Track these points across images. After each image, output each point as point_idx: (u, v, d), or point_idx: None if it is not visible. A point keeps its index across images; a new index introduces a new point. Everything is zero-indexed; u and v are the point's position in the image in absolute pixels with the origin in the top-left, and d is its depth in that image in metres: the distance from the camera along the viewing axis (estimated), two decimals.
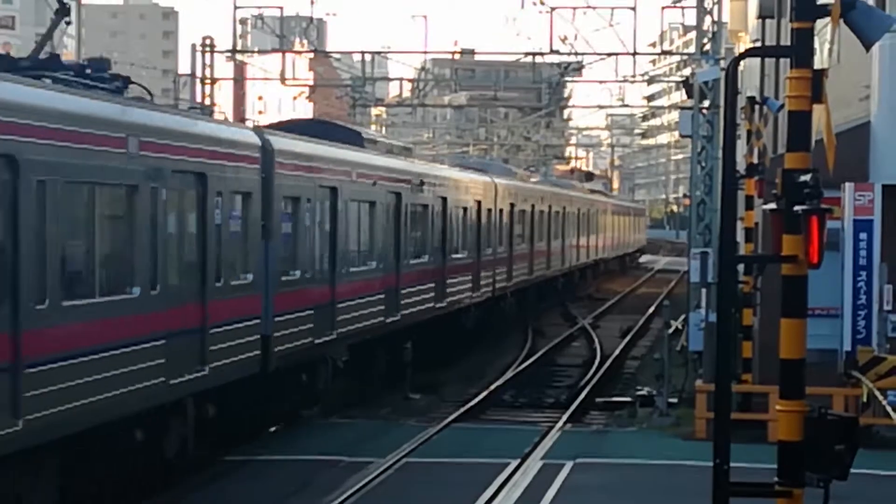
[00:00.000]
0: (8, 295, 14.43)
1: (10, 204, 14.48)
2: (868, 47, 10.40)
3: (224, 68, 58.12)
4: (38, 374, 14.91)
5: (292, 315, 23.46)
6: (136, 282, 17.45)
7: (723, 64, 37.23)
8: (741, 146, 25.59)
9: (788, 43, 10.26)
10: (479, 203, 39.54)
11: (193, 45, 41.66)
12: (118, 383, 16.77)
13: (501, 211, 43.09)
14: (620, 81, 51.21)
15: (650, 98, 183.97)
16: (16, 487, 15.17)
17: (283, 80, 48.61)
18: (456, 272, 36.37)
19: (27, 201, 14.67)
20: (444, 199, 35.11)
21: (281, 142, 23.37)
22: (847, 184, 23.54)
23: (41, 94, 15.63)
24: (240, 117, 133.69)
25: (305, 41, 57.62)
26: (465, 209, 37.78)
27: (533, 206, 49.57)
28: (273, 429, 25.01)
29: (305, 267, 24.33)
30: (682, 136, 43.55)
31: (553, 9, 43.98)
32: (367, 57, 51.45)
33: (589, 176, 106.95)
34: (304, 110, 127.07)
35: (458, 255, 36.93)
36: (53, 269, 15.22)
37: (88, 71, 17.89)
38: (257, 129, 23.10)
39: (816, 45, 10.28)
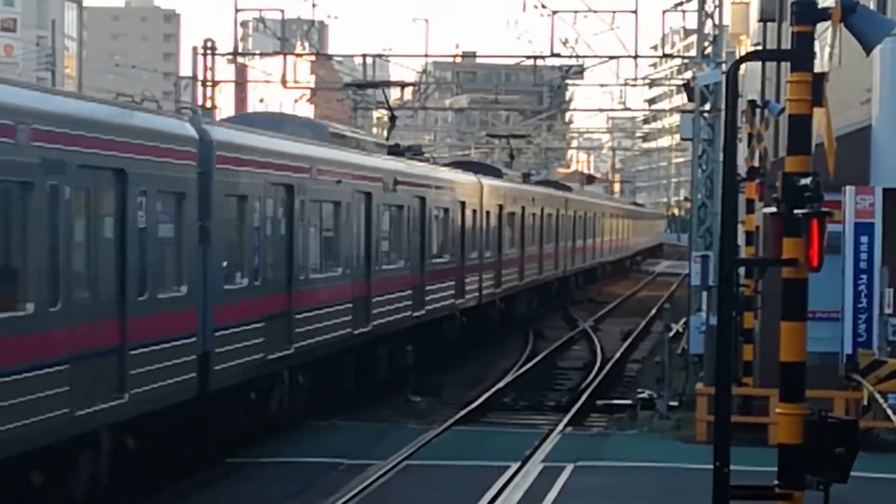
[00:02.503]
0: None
1: None
2: (868, 51, 10.42)
3: (225, 71, 58.27)
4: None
5: (238, 329, 20.91)
6: (30, 297, 14.72)
7: (724, 67, 37.23)
8: (742, 149, 25.60)
9: (789, 46, 10.29)
10: (462, 204, 37.68)
11: (195, 48, 41.72)
12: (10, 416, 14.15)
13: (488, 213, 41.29)
14: (621, 85, 51.39)
15: (651, 101, 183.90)
16: None
17: (284, 82, 48.63)
18: (436, 278, 34.30)
19: None
20: (423, 200, 33.00)
21: (223, 133, 21.03)
22: (848, 187, 23.55)
23: None
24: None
25: (307, 44, 57.63)
26: (446, 210, 35.87)
27: (523, 207, 47.53)
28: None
29: (254, 274, 21.91)
30: (683, 139, 43.56)
31: (554, 12, 44.03)
32: (369, 60, 51.50)
33: (590, 179, 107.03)
34: (306, 113, 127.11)
35: (440, 260, 34.95)
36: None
37: None
38: (195, 120, 20.31)
39: (817, 48, 10.30)
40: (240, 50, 46.88)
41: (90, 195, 16.26)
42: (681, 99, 70.96)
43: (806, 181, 10.05)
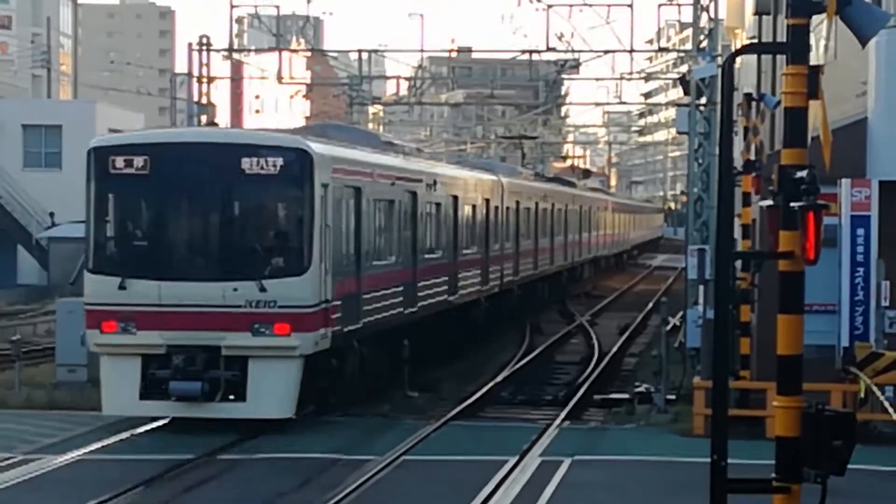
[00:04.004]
0: (354, 259, 26.50)
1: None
2: (864, 43, 10.43)
3: (221, 67, 58.22)
4: (369, 299, 27.28)
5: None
6: (391, 254, 29.32)
7: (719, 61, 37.26)
8: (738, 143, 25.57)
9: (785, 39, 10.28)
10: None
11: (190, 45, 41.68)
12: (385, 309, 28.24)
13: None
14: (617, 79, 51.36)
15: (647, 95, 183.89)
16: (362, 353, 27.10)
17: (279, 78, 48.62)
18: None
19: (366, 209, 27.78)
20: (456, 198, 35.93)
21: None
22: (844, 180, 23.56)
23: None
24: (237, 116, 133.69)
25: (302, 40, 57.61)
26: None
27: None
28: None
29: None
30: (679, 132, 43.64)
31: (549, 6, 44.02)
32: (364, 55, 51.49)
33: (586, 173, 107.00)
34: (302, 109, 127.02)
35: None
36: (369, 246, 27.51)
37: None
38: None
39: (813, 41, 10.30)
40: (235, 46, 46.90)
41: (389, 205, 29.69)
42: (677, 92, 70.71)
43: (802, 174, 10.05)
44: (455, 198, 35.80)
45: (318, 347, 24.52)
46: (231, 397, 23.79)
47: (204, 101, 40.92)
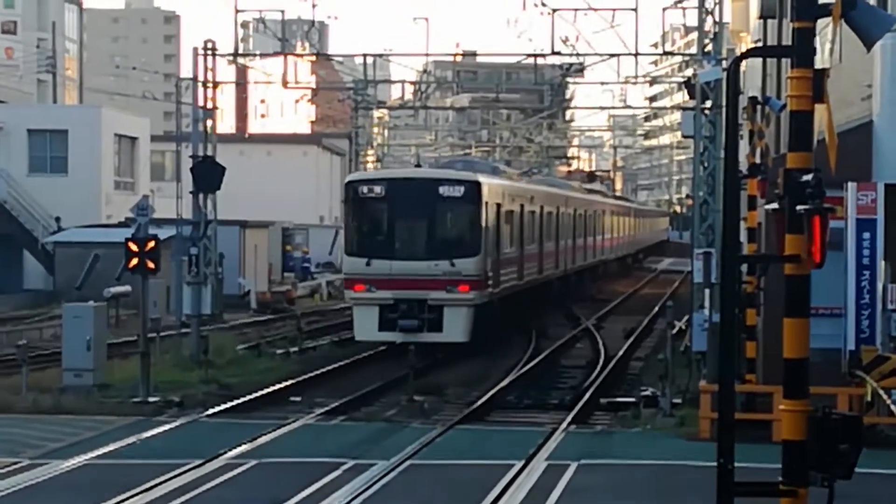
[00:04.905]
0: (496, 248, 38.92)
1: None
2: (869, 47, 10.42)
3: (226, 72, 58.23)
4: (502, 273, 40.58)
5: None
6: (512, 244, 43.24)
7: (724, 64, 37.22)
8: (743, 146, 25.57)
9: (790, 43, 10.28)
10: (558, 209, 54.95)
11: (195, 49, 41.61)
12: (509, 279, 41.91)
13: (566, 213, 57.66)
14: (622, 82, 51.23)
15: (652, 99, 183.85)
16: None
17: (284, 83, 48.62)
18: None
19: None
20: (542, 206, 50.84)
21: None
22: (850, 183, 23.53)
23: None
24: (242, 120, 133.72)
25: (307, 44, 57.60)
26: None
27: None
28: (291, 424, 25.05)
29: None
30: (684, 136, 43.55)
31: (554, 10, 43.94)
32: (369, 60, 51.47)
33: (591, 177, 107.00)
34: (307, 113, 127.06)
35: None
36: (503, 240, 40.32)
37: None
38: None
39: (818, 44, 10.30)
40: (240, 51, 46.81)
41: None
42: (682, 96, 70.79)
43: (807, 177, 10.05)
44: (542, 206, 50.52)
45: (482, 300, 38.74)
46: (432, 330, 37.35)
47: (209, 105, 40.90)
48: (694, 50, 41.36)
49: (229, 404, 29.02)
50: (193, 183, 39.14)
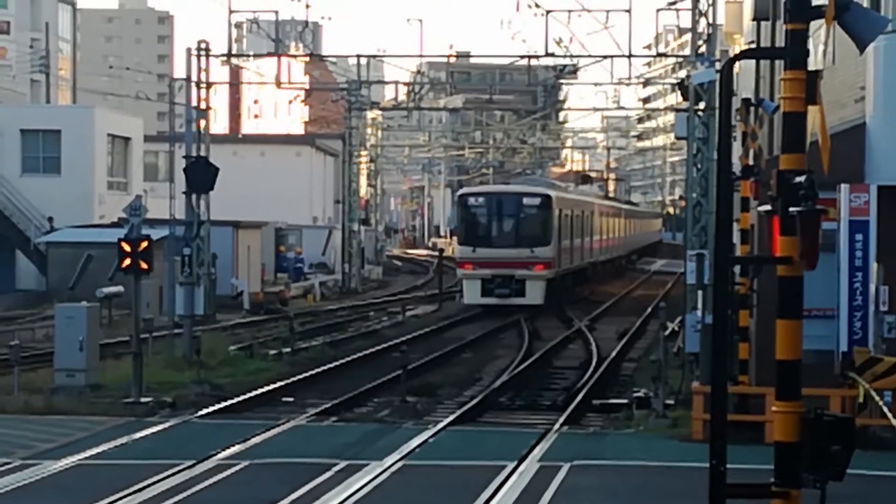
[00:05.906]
0: (559, 239, 58.18)
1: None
2: (862, 49, 10.42)
3: (219, 72, 58.16)
4: (564, 258, 59.01)
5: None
6: (571, 237, 62.47)
7: (718, 66, 37.25)
8: (736, 148, 25.56)
9: (783, 44, 10.28)
10: (593, 211, 72.18)
11: (189, 50, 41.61)
12: (569, 262, 61.08)
13: (599, 214, 75.62)
14: (616, 84, 51.22)
15: (645, 100, 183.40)
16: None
17: (278, 83, 48.62)
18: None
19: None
20: (592, 211, 70.63)
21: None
22: (842, 185, 23.54)
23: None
24: (235, 120, 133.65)
25: (301, 45, 57.57)
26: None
27: (592, 212, 75.56)
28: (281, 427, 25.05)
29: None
30: (677, 138, 43.62)
31: (548, 12, 44.04)
32: (363, 60, 51.49)
33: (585, 178, 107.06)
34: (300, 113, 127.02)
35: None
36: (565, 234, 59.82)
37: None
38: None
39: (811, 46, 10.29)
40: (234, 51, 46.87)
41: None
42: (675, 98, 70.90)
43: (800, 179, 10.04)
44: (582, 211, 66.62)
45: (551, 276, 55.82)
46: (518, 296, 54.30)
47: (203, 105, 40.88)
48: (687, 51, 41.43)
49: (221, 405, 29.01)
50: (186, 183, 39.14)
